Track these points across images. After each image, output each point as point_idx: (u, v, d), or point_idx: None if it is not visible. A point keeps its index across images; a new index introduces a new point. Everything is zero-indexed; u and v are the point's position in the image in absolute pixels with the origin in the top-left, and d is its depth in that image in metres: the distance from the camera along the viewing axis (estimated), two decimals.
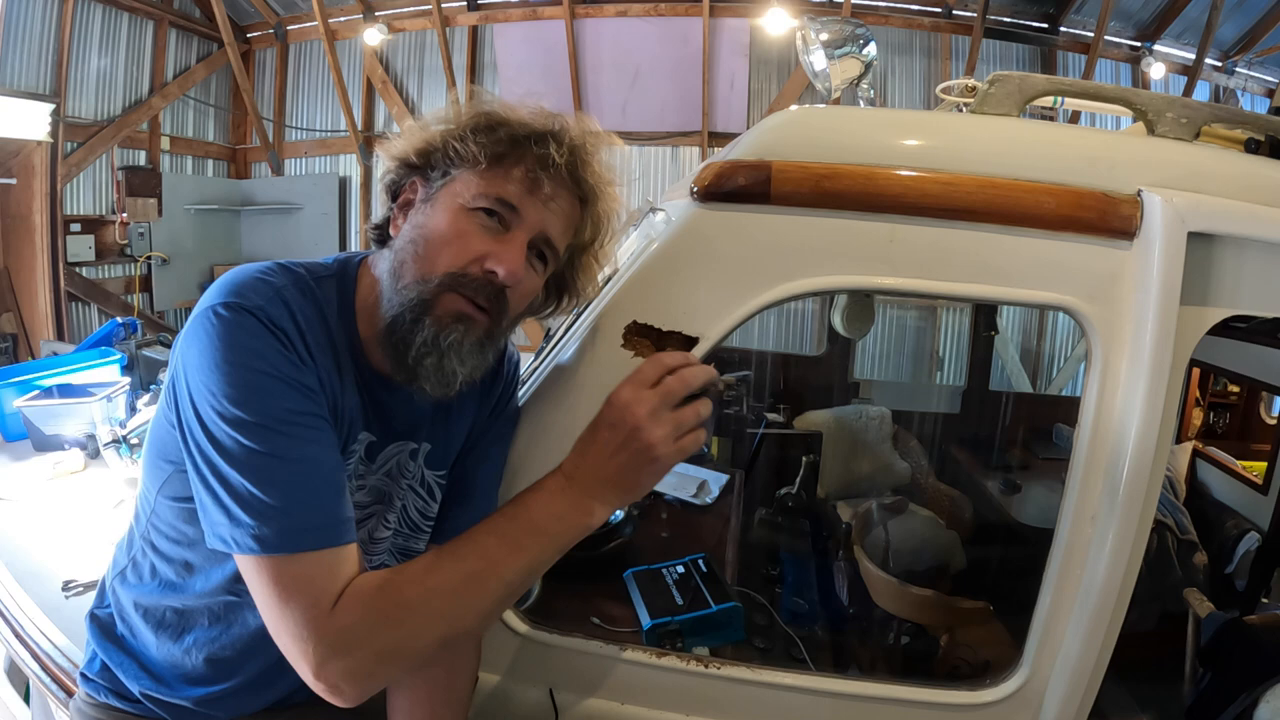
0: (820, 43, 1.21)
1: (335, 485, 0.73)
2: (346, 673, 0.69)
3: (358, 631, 0.69)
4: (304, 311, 0.76)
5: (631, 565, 1.44)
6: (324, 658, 0.68)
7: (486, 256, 0.78)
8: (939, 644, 1.70)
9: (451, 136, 0.80)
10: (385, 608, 0.70)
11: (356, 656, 0.69)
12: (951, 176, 0.87)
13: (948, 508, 2.33)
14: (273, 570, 0.68)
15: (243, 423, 0.68)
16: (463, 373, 0.79)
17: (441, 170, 0.81)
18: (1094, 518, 0.91)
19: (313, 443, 0.72)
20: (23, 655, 1.35)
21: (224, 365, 0.69)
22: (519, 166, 0.79)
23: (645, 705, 1.06)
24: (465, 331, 0.78)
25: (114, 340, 3.26)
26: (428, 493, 0.94)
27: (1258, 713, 1.43)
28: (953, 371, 6.04)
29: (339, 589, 0.69)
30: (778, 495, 2.14)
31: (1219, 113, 1.00)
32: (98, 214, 6.21)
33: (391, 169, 0.85)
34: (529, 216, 0.80)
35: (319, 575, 0.69)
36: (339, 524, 0.72)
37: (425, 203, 0.81)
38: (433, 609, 0.72)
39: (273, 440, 0.69)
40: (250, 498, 0.68)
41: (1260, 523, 2.44)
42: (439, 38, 6.48)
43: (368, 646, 0.69)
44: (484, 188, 0.78)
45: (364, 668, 0.69)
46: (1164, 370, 0.85)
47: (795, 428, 2.56)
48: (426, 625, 0.72)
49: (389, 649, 0.70)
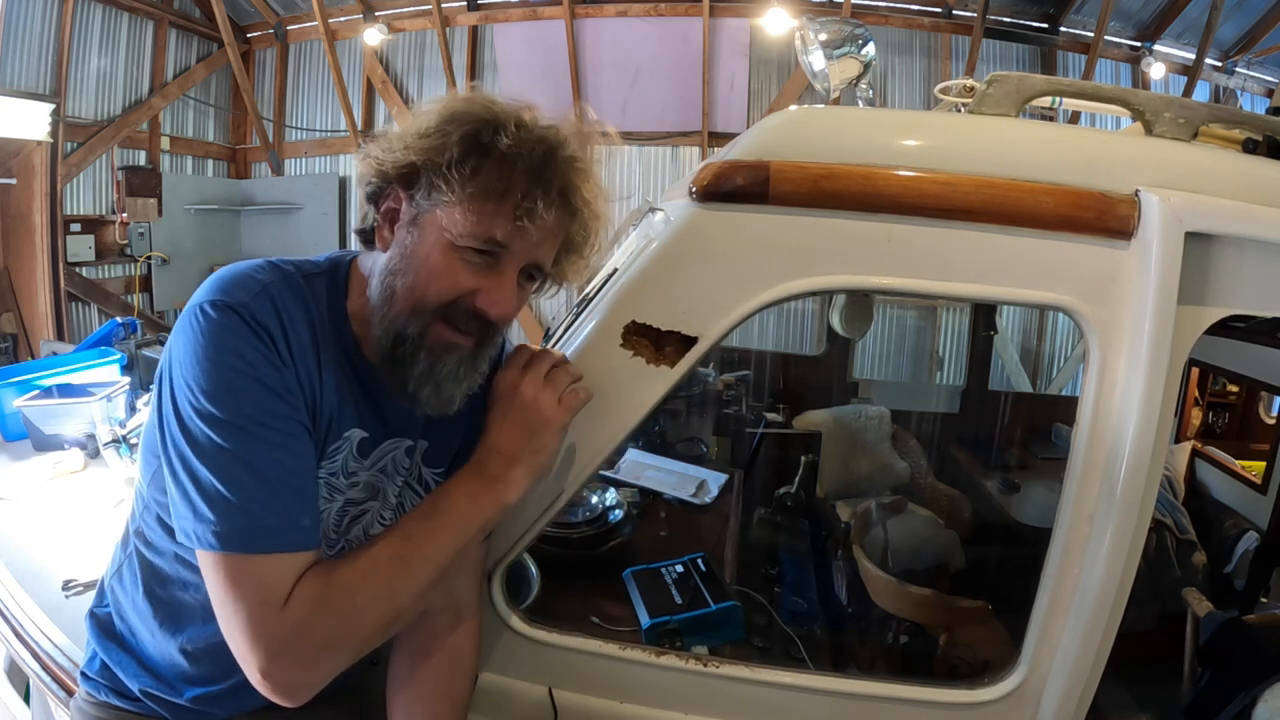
0: (819, 43, 1.21)
1: (299, 491, 0.75)
2: (292, 666, 0.71)
3: (305, 626, 0.71)
4: (290, 310, 0.77)
5: (630, 565, 1.44)
6: (273, 654, 0.70)
7: (477, 293, 0.78)
8: (938, 643, 1.70)
9: (434, 166, 0.76)
10: (327, 595, 0.73)
11: (301, 650, 0.71)
12: (949, 176, 0.88)
13: (946, 507, 2.33)
14: (228, 568, 0.70)
15: (216, 420, 0.70)
16: (460, 393, 0.83)
17: (425, 192, 0.78)
18: (1092, 517, 0.91)
19: (281, 447, 0.73)
20: (23, 655, 1.35)
21: (205, 363, 0.71)
22: (506, 205, 0.76)
23: (644, 704, 1.06)
24: (459, 360, 0.81)
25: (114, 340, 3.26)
26: (425, 489, 0.94)
27: (1256, 712, 1.43)
28: (953, 371, 6.05)
29: (289, 588, 0.72)
30: (777, 495, 2.14)
31: (1217, 113, 1.00)
32: (98, 214, 6.21)
33: (372, 180, 0.82)
34: (518, 250, 0.79)
35: (272, 578, 0.71)
36: (298, 530, 0.74)
37: (412, 226, 0.79)
38: (367, 592, 0.75)
39: (242, 441, 0.71)
40: (215, 494, 0.70)
41: (1259, 522, 2.44)
42: (439, 38, 6.48)
43: (311, 637, 0.72)
44: (471, 227, 0.76)
45: (308, 659, 0.72)
46: (1161, 369, 0.85)
47: (794, 427, 2.57)
48: (364, 609, 0.75)
49: (331, 638, 0.73)
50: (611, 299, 0.95)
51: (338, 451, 0.84)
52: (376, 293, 0.80)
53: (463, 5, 6.60)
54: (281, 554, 0.72)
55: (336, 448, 0.84)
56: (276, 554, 0.72)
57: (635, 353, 0.94)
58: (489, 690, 1.05)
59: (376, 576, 0.76)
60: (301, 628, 0.71)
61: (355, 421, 0.85)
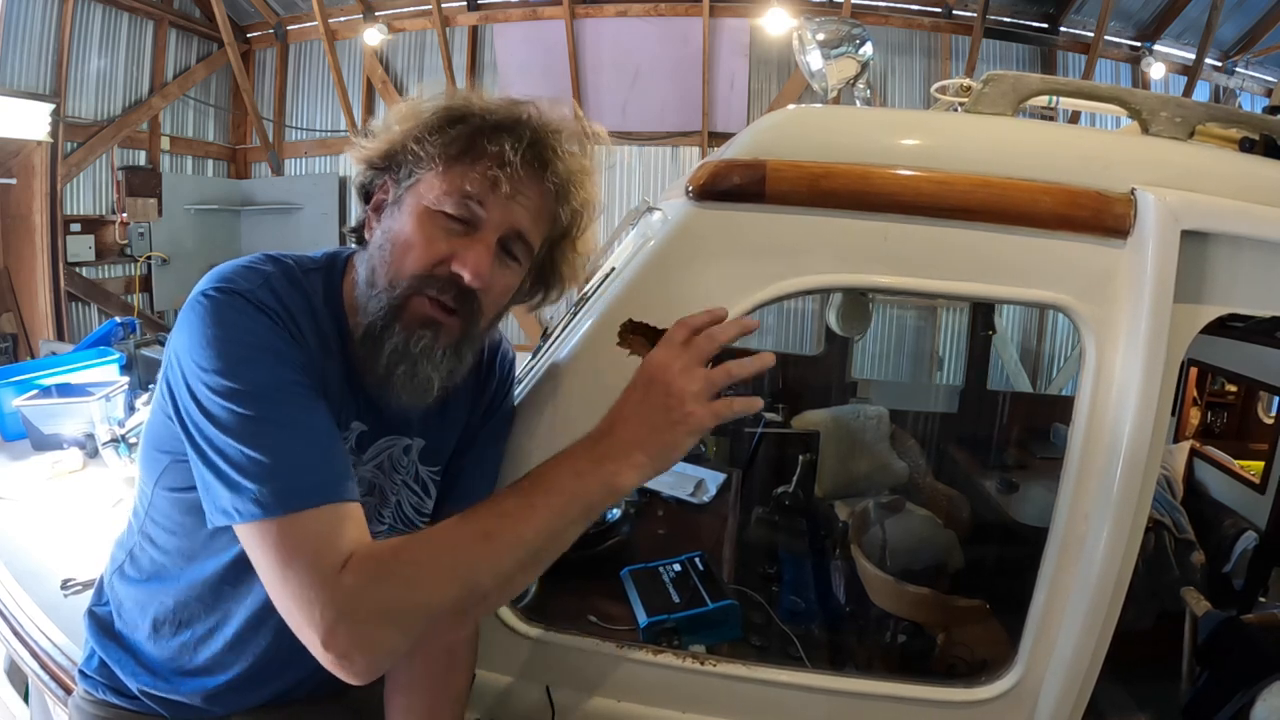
0: (816, 43, 1.22)
1: (329, 447, 0.73)
2: (356, 638, 0.66)
3: (367, 591, 0.66)
4: (291, 299, 0.77)
5: (628, 563, 1.44)
6: (333, 621, 0.65)
7: (451, 258, 0.78)
8: (935, 642, 1.70)
9: (410, 137, 0.79)
10: (395, 565, 0.68)
11: (364, 618, 0.66)
12: (946, 175, 0.88)
13: (945, 507, 2.33)
14: (275, 534, 0.67)
15: (233, 391, 0.69)
16: (438, 378, 0.80)
17: (407, 170, 0.80)
18: (1088, 515, 0.91)
19: (304, 409, 0.72)
20: (22, 654, 1.35)
21: (215, 342, 0.70)
22: (479, 164, 0.77)
23: (642, 703, 1.06)
24: (435, 337, 0.79)
25: (113, 340, 3.26)
26: (422, 489, 0.94)
27: (1254, 711, 1.43)
28: (953, 371, 6.04)
29: (344, 549, 0.67)
30: (775, 494, 2.14)
31: (1213, 112, 1.00)
32: (98, 214, 6.21)
33: (361, 172, 0.85)
34: (494, 214, 0.79)
35: (321, 533, 0.67)
36: (336, 481, 0.71)
37: (394, 205, 0.81)
38: (443, 565, 0.69)
39: (263, 406, 0.70)
40: (248, 463, 0.68)
41: (1258, 522, 2.44)
42: (439, 38, 6.48)
43: (376, 606, 0.66)
44: (445, 188, 0.78)
45: (374, 632, 0.66)
46: (1158, 368, 0.86)
47: (793, 427, 2.56)
48: (438, 583, 0.69)
49: (399, 609, 0.67)
50: (608, 298, 0.95)
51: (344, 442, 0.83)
52: (361, 276, 0.81)
53: (463, 5, 6.61)
54: (328, 505, 0.68)
55: (343, 437, 0.83)
56: (323, 506, 0.68)
57: (632, 351, 0.93)
58: (487, 689, 1.06)
59: (454, 551, 0.70)
60: (366, 596, 0.66)
61: (354, 414, 0.85)
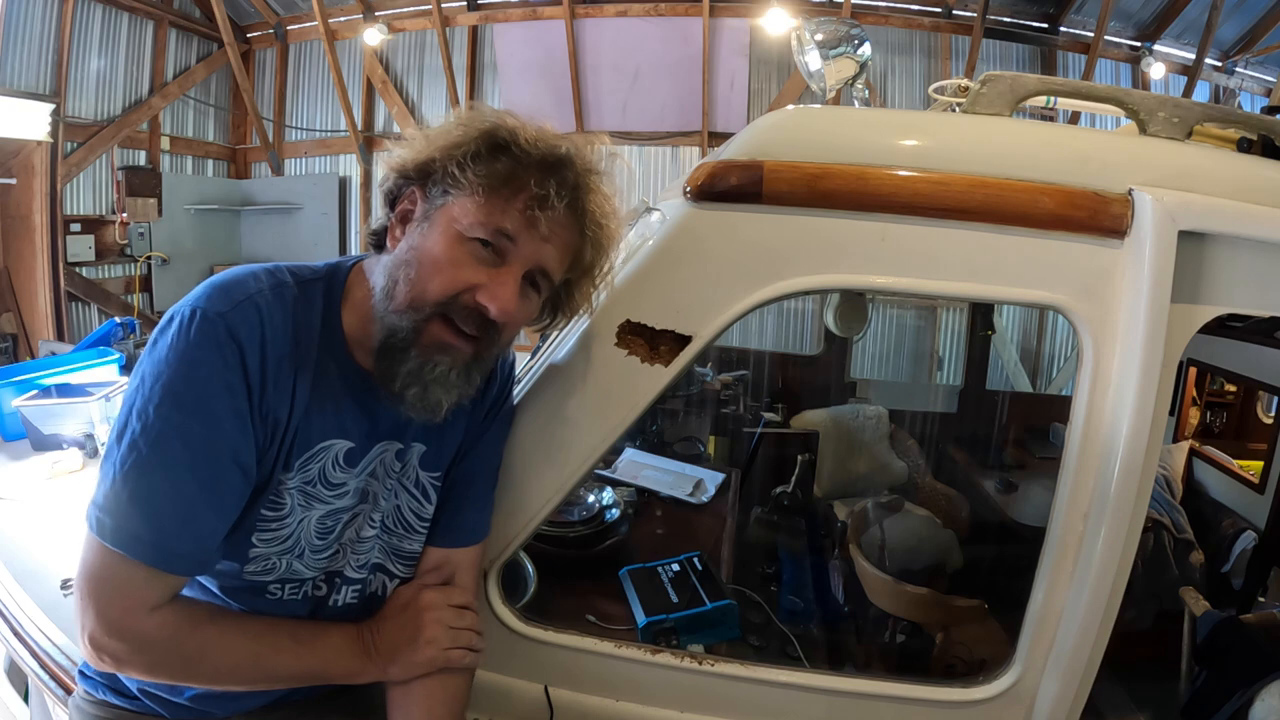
0: (815, 43, 1.22)
1: (187, 520, 0.76)
2: (117, 663, 0.78)
3: (150, 645, 0.77)
4: (274, 320, 0.78)
5: (627, 563, 1.44)
6: (93, 646, 0.76)
7: (479, 288, 0.78)
8: (934, 642, 1.71)
9: (452, 158, 0.79)
10: (183, 638, 0.79)
11: (136, 659, 0.78)
12: (943, 176, 0.88)
13: (944, 507, 2.33)
14: (96, 554, 0.75)
15: (149, 425, 0.73)
16: (448, 401, 0.82)
17: (441, 189, 0.80)
18: (1086, 515, 0.91)
19: (190, 471, 0.74)
20: (22, 654, 1.35)
21: (165, 366, 0.74)
22: (518, 199, 0.78)
23: (640, 702, 1.06)
24: (451, 362, 0.80)
25: (112, 340, 3.28)
26: (421, 494, 0.94)
27: (1253, 711, 1.43)
28: (953, 371, 6.04)
29: (147, 602, 0.76)
30: (774, 494, 2.14)
31: (1211, 112, 1.00)
32: (98, 214, 6.21)
33: (390, 178, 0.85)
34: (525, 250, 0.80)
35: (130, 582, 0.75)
36: (170, 554, 0.76)
37: (423, 221, 0.81)
38: (211, 661, 0.81)
39: (159, 452, 0.73)
40: (118, 489, 0.74)
41: (1257, 522, 2.44)
42: (439, 38, 6.48)
43: (147, 658, 0.79)
44: (481, 218, 0.78)
45: (133, 668, 0.81)
46: (1155, 368, 0.86)
47: (792, 427, 2.57)
48: (200, 669, 0.82)
49: (162, 664, 0.80)
50: (606, 298, 0.95)
51: (311, 461, 0.83)
52: (380, 287, 0.81)
53: (463, 5, 6.60)
54: (149, 567, 0.75)
55: (309, 458, 0.83)
56: (145, 565, 0.75)
57: (630, 351, 0.94)
58: (486, 689, 1.05)
59: (228, 655, 0.82)
60: (146, 645, 0.77)
61: (337, 432, 0.84)
